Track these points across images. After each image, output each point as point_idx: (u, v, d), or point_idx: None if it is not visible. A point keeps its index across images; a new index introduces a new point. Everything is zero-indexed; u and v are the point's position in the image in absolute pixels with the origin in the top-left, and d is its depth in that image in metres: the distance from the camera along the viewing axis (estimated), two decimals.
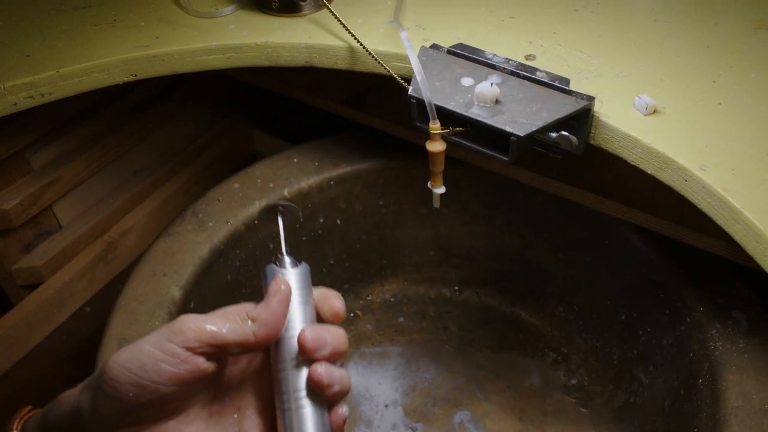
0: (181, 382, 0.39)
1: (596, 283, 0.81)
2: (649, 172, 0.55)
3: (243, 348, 0.40)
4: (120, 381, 0.38)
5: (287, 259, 0.44)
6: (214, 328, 0.39)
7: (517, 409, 0.80)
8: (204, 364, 0.39)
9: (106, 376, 0.39)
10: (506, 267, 0.88)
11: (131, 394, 0.38)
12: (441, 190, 0.60)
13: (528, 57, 0.63)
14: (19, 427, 0.43)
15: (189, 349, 0.39)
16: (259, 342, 0.40)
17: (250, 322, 0.40)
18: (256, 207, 0.75)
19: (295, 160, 0.79)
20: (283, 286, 0.41)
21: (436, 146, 0.57)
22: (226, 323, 0.40)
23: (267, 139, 0.99)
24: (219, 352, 0.40)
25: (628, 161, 0.56)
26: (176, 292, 0.68)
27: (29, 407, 0.45)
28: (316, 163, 0.79)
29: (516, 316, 0.88)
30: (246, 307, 0.41)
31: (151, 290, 0.68)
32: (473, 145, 0.57)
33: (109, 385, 0.39)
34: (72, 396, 0.41)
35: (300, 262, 0.44)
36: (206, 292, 0.72)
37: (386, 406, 0.81)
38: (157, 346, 0.39)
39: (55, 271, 0.80)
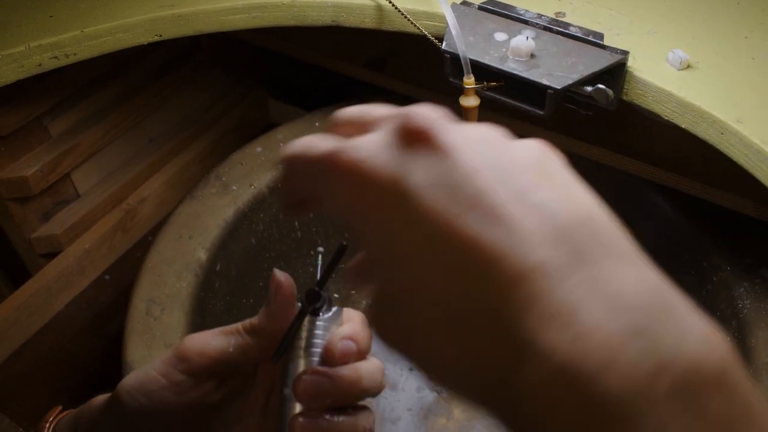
0: (187, 410, 0.37)
1: None
2: (683, 126, 0.55)
3: (251, 361, 0.38)
4: (128, 408, 0.37)
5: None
6: (219, 349, 0.37)
7: None
8: (210, 390, 0.37)
9: (116, 403, 0.37)
10: None
11: (137, 424, 0.37)
12: None
13: (558, 14, 0.62)
14: (51, 429, 0.42)
15: (194, 376, 0.37)
16: (265, 352, 0.37)
17: (248, 336, 0.37)
18: (279, 170, 0.75)
19: (317, 124, 0.79)
20: (280, 288, 0.36)
21: (470, 101, 0.56)
22: (230, 339, 0.37)
23: (282, 107, 0.98)
24: (227, 371, 0.38)
25: (662, 116, 0.56)
26: (202, 254, 0.68)
27: (59, 408, 0.43)
28: None
29: None
30: (251, 320, 0.38)
31: (178, 252, 0.68)
32: (508, 100, 0.57)
33: (118, 413, 0.37)
34: (100, 403, 0.40)
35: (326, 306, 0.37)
36: (231, 255, 0.72)
37: (410, 369, 0.81)
38: (162, 373, 0.37)
39: (74, 239, 0.80)
